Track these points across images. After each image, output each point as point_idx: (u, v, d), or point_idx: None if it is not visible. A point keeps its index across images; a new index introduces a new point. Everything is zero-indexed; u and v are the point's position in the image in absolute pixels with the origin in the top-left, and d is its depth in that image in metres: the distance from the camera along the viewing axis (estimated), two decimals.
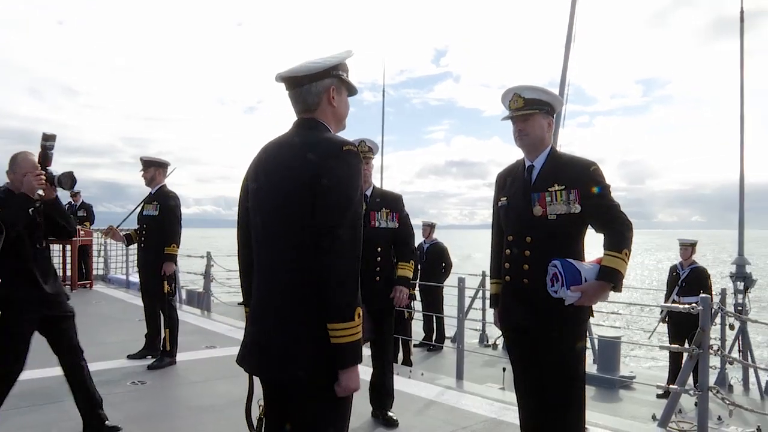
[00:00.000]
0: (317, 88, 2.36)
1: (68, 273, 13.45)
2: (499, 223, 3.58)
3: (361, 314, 2.12)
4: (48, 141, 4.11)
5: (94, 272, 14.60)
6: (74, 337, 4.36)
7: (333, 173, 2.14)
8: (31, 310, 4.11)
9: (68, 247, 13.33)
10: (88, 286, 13.66)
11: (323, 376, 2.13)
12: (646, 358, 13.13)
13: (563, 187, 3.20)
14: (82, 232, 13.12)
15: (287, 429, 2.26)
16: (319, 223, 2.10)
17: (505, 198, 3.48)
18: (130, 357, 7.00)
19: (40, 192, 4.15)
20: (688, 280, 9.37)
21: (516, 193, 3.39)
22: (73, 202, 13.82)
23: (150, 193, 6.91)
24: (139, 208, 7.03)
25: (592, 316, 3.43)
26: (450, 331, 11.42)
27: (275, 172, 2.28)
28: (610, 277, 3.06)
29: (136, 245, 7.29)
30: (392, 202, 4.95)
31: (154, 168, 6.89)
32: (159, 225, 6.76)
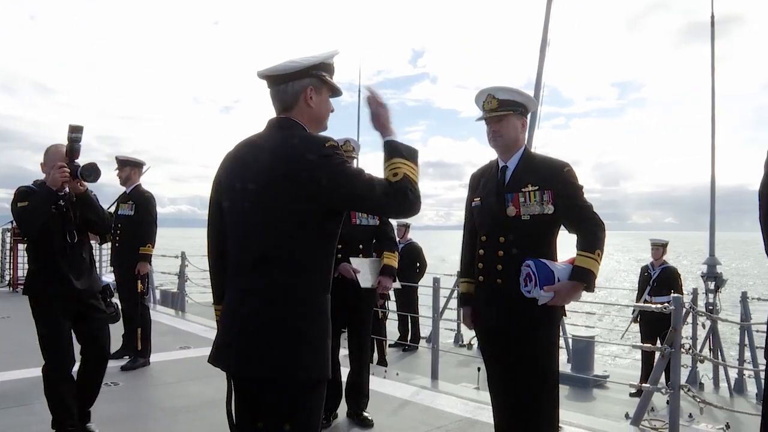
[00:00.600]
0: (294, 88, 2.35)
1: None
2: (471, 223, 3.58)
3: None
4: (74, 133, 3.94)
5: None
6: (101, 339, 4.28)
7: (321, 168, 2.14)
8: (60, 305, 4.04)
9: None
10: None
11: (295, 373, 2.13)
12: (620, 358, 13.25)
13: (537, 187, 3.21)
14: None
15: (260, 427, 2.24)
16: (347, 205, 2.26)
17: (478, 198, 3.48)
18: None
19: (67, 186, 4.05)
20: (659, 280, 9.50)
21: (489, 193, 3.39)
22: None
23: (125, 192, 6.86)
24: (113, 207, 6.95)
25: (565, 315, 3.46)
26: (425, 331, 11.44)
27: (250, 171, 2.26)
28: (583, 277, 3.08)
29: (109, 244, 7.22)
30: None
31: (129, 167, 6.84)
32: (134, 224, 6.71)
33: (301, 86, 2.35)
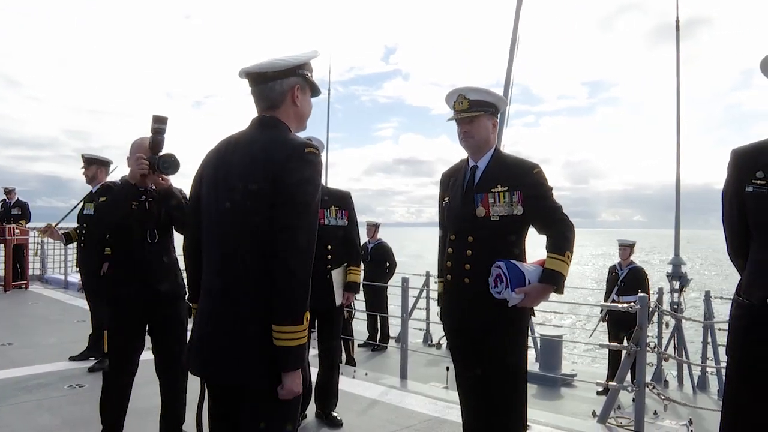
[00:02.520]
0: (282, 86, 2.35)
1: (1, 273, 13.08)
2: (444, 217, 3.60)
3: (308, 318, 2.13)
4: (158, 124, 3.70)
5: (30, 272, 14.17)
6: (175, 348, 3.91)
7: (295, 175, 2.14)
8: (137, 309, 3.82)
9: (1, 246, 12.93)
10: (23, 286, 13.26)
11: (273, 379, 2.12)
12: (587, 356, 13.40)
13: (506, 188, 3.23)
14: (17, 231, 12.78)
15: None
16: (276, 223, 2.10)
17: (448, 197, 3.50)
18: (72, 359, 6.86)
19: (148, 180, 3.81)
20: (626, 279, 9.64)
21: (459, 192, 3.41)
22: (7, 200, 13.41)
23: (91, 191, 6.73)
24: (79, 207, 6.87)
25: (534, 315, 3.49)
26: (394, 330, 11.46)
27: (233, 170, 2.26)
28: (552, 280, 3.13)
29: (75, 244, 7.14)
30: (341, 200, 4.96)
31: (95, 166, 6.71)
32: None
33: (288, 84, 2.35)
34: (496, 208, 3.24)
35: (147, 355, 3.84)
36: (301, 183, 2.14)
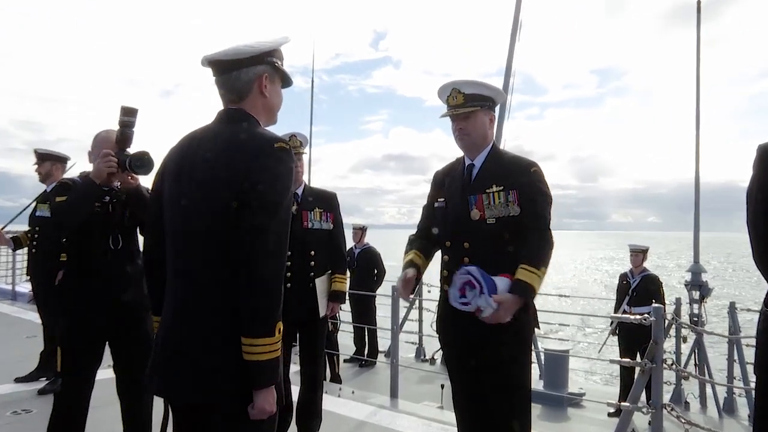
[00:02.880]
0: (248, 75, 2.37)
1: None
2: (427, 222, 3.65)
3: (281, 329, 2.14)
4: (127, 116, 3.65)
5: None
6: (139, 365, 3.78)
7: (263, 173, 2.16)
8: (97, 322, 3.73)
9: None
10: None
11: (244, 397, 2.13)
12: (597, 374, 13.46)
13: (501, 188, 3.28)
14: None
15: None
16: (244, 225, 2.11)
17: (442, 199, 3.53)
18: (18, 380, 6.73)
19: (115, 179, 3.75)
20: (639, 288, 9.67)
21: (454, 194, 3.45)
22: None
23: (45, 190, 6.66)
24: (30, 208, 6.81)
25: (538, 327, 3.54)
26: (383, 344, 11.47)
27: (197, 169, 2.28)
28: (525, 292, 3.13)
29: (25, 250, 7.08)
30: (326, 201, 4.97)
31: (50, 162, 6.60)
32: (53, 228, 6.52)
33: (254, 73, 2.37)
34: (492, 210, 3.28)
35: (106, 374, 3.82)
36: (271, 181, 2.17)
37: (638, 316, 5.41)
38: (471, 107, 3.39)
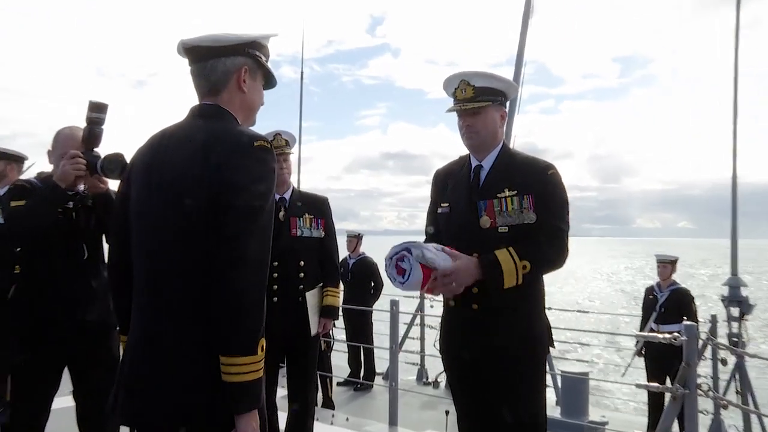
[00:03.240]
0: (226, 66, 2.39)
1: None
2: (435, 229, 3.65)
3: (264, 347, 2.15)
4: (95, 112, 3.60)
5: None
6: (103, 391, 3.45)
7: (241, 174, 2.18)
8: (56, 344, 3.68)
9: None
10: None
11: (223, 424, 2.14)
12: (621, 399, 13.42)
13: (515, 192, 3.28)
14: None
15: None
16: (222, 233, 2.13)
17: (446, 204, 3.54)
18: None
19: (81, 183, 3.67)
20: (667, 304, 9.59)
21: (460, 199, 3.46)
22: None
23: None
24: None
25: (552, 347, 3.54)
26: (381, 365, 11.46)
27: (168, 170, 2.29)
28: (488, 269, 3.14)
29: None
30: (317, 206, 4.98)
31: (4, 162, 6.49)
32: (5, 238, 6.44)
33: (234, 65, 2.39)
34: (504, 217, 3.28)
35: (64, 402, 3.78)
36: (251, 184, 2.19)
37: (667, 335, 5.36)
38: (481, 102, 3.39)
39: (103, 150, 3.67)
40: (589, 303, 35.06)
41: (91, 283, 3.81)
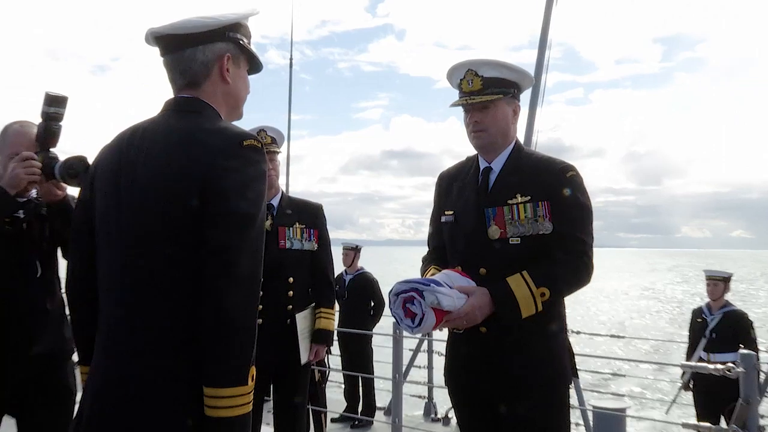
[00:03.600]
0: (205, 55, 2.37)
1: None
2: (439, 240, 3.67)
3: (254, 376, 2.15)
4: (53, 106, 3.52)
5: None
6: (56, 430, 3.60)
7: (230, 177, 2.16)
8: (6, 375, 3.58)
9: None
10: None
11: None
12: None
13: (528, 198, 3.28)
14: None
15: None
16: (207, 246, 2.12)
17: (451, 212, 3.55)
18: None
19: (34, 188, 3.61)
20: (719, 329, 9.50)
21: (466, 206, 3.46)
22: None
23: None
24: None
25: (576, 376, 3.52)
26: (382, 398, 11.47)
27: (142, 173, 2.27)
28: (502, 299, 3.14)
29: None
30: (309, 215, 4.99)
31: None
32: None
33: (214, 52, 2.38)
34: (515, 227, 3.28)
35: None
36: (240, 188, 2.17)
37: (720, 366, 5.33)
38: (491, 95, 3.39)
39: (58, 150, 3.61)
40: (626, 326, 35.07)
41: (45, 304, 3.70)
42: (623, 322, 39.73)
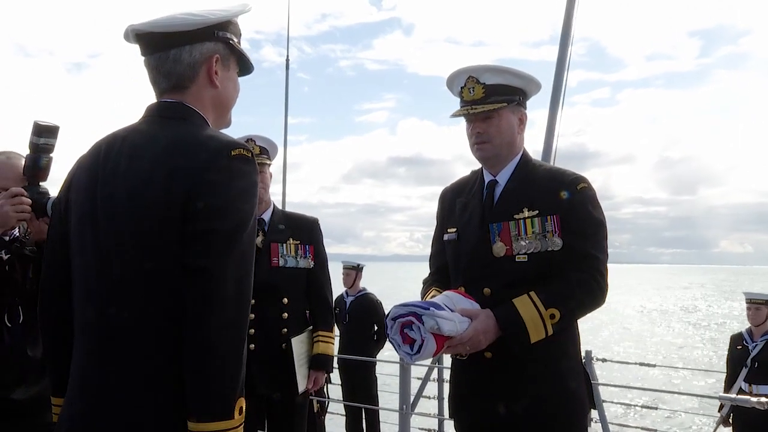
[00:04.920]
0: (192, 56, 2.36)
1: None
2: (442, 261, 3.68)
3: (243, 409, 2.14)
4: (43, 136, 3.45)
5: None
6: None
7: (215, 191, 2.16)
8: None
9: None
10: None
11: None
12: None
13: (536, 212, 3.29)
14: None
15: None
16: (190, 265, 2.11)
17: (454, 230, 3.56)
18: None
19: (19, 226, 3.58)
20: (762, 357, 9.41)
21: (470, 223, 3.47)
22: None
23: None
24: None
25: (593, 407, 3.53)
26: (389, 431, 11.45)
27: (121, 188, 2.25)
28: (508, 323, 3.13)
29: None
30: (304, 230, 5.00)
31: None
32: None
33: (202, 53, 2.37)
34: (522, 243, 3.28)
35: None
36: (228, 202, 2.18)
37: (764, 399, 5.31)
38: (494, 104, 3.39)
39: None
40: (657, 352, 35.08)
41: (26, 352, 3.66)
42: (653, 347, 39.75)
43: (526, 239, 3.25)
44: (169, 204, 2.14)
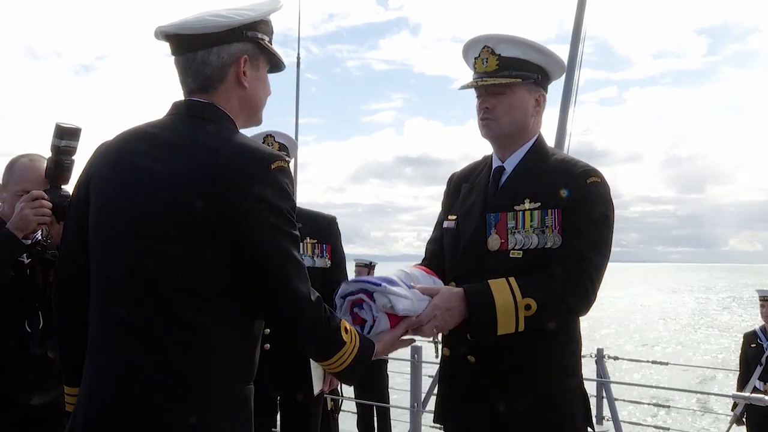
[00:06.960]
0: (220, 57, 2.35)
1: None
2: (438, 247, 3.52)
3: (348, 328, 2.41)
4: (65, 139, 3.47)
5: None
6: None
7: (263, 208, 2.19)
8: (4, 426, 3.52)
9: None
10: None
11: None
12: None
13: (537, 204, 3.10)
14: None
15: None
16: (256, 279, 2.22)
17: (453, 218, 3.40)
18: None
19: (41, 230, 3.56)
20: None
21: (471, 211, 3.32)
22: None
23: None
24: None
25: (592, 429, 3.33)
26: (399, 429, 11.44)
27: (143, 181, 2.26)
28: (476, 303, 2.96)
29: None
30: (321, 228, 4.96)
31: None
32: None
33: (231, 55, 2.36)
34: (518, 238, 3.10)
35: None
36: (277, 225, 2.23)
37: None
38: (508, 77, 3.18)
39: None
40: (669, 350, 34.72)
41: (46, 357, 3.63)
42: (662, 345, 39.37)
43: (522, 233, 3.06)
44: (209, 220, 2.15)
